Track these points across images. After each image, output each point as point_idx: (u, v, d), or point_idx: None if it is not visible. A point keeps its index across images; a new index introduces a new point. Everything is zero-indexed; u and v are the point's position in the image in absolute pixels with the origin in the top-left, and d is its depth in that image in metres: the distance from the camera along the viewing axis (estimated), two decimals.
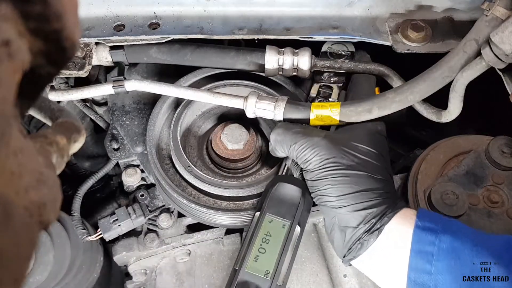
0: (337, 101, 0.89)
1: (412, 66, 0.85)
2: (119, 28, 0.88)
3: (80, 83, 1.02)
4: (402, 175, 0.96)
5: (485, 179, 0.85)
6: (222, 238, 1.00)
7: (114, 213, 0.96)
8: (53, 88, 0.95)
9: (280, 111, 0.82)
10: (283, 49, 0.90)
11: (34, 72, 0.27)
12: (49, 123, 0.46)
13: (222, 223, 0.94)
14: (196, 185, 0.89)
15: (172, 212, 1.01)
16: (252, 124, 1.02)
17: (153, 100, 1.03)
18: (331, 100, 0.89)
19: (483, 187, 0.85)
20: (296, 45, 0.91)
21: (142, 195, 1.00)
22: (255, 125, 1.04)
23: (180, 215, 1.01)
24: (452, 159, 0.90)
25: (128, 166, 1.03)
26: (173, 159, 0.92)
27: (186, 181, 0.92)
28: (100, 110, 1.14)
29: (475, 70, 0.75)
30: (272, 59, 0.90)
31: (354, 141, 0.74)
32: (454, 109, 0.83)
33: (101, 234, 0.95)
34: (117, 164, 1.05)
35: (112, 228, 0.95)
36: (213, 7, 0.90)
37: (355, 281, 0.91)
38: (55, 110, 0.47)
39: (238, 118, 0.99)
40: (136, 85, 0.90)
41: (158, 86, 0.90)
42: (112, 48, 0.92)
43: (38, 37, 0.25)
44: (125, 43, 0.88)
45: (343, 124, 0.80)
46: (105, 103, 1.12)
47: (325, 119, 0.80)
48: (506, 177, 0.85)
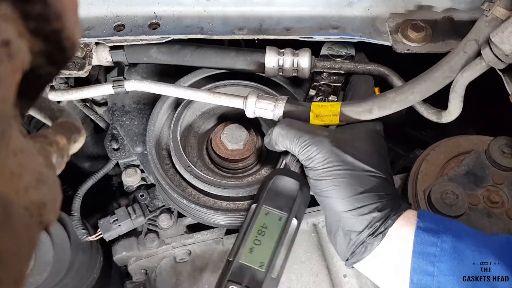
0: (336, 100, 0.89)
1: (412, 66, 0.85)
2: (119, 28, 0.88)
3: (80, 83, 1.02)
4: (402, 175, 0.96)
5: (485, 179, 0.85)
6: (222, 238, 1.00)
7: (114, 213, 0.96)
8: (53, 88, 0.95)
9: (280, 110, 0.82)
10: (283, 50, 0.90)
11: (34, 72, 0.27)
12: (49, 123, 0.46)
13: (222, 223, 0.94)
14: (196, 185, 0.89)
15: (172, 212, 1.01)
16: (252, 124, 1.02)
17: (153, 100, 1.03)
18: (331, 100, 0.89)
19: (483, 187, 0.85)
20: (296, 45, 0.91)
21: (142, 195, 1.00)
22: (255, 125, 1.03)
23: (180, 215, 1.01)
24: (452, 159, 0.90)
25: (128, 166, 1.03)
26: (173, 159, 0.92)
27: (186, 181, 0.92)
28: (100, 110, 1.14)
29: (475, 70, 0.75)
30: (272, 60, 0.90)
31: (357, 141, 0.74)
32: (454, 109, 0.83)
33: (101, 234, 0.95)
34: (117, 164, 1.05)
35: (112, 228, 0.95)
36: (213, 7, 0.90)
37: (355, 281, 0.91)
38: (55, 110, 0.47)
39: (238, 118, 0.99)
40: (136, 85, 0.90)
41: (158, 86, 0.90)
42: (112, 48, 0.92)
43: (38, 37, 0.25)
44: (125, 43, 0.88)
45: (343, 124, 0.80)
46: (105, 103, 1.12)
47: (325, 119, 0.80)
48: (506, 177, 0.85)
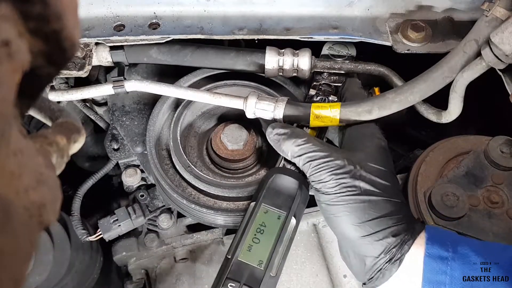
0: (336, 100, 0.89)
1: (412, 66, 0.85)
2: (119, 28, 0.88)
3: (80, 83, 1.02)
4: (402, 175, 0.96)
5: (484, 180, 0.85)
6: (222, 238, 1.00)
7: (114, 213, 0.96)
8: (53, 88, 0.95)
9: (280, 111, 0.82)
10: (283, 50, 0.90)
11: (34, 73, 0.27)
12: (49, 123, 0.46)
13: (222, 224, 0.94)
14: (196, 185, 0.89)
15: (172, 212, 1.01)
16: (252, 125, 1.02)
17: (153, 100, 1.03)
18: (331, 100, 0.89)
19: (483, 187, 0.85)
20: (296, 46, 0.91)
21: (142, 195, 1.00)
22: (255, 126, 1.04)
23: (180, 215, 1.01)
24: (452, 160, 0.90)
25: (128, 166, 1.03)
26: (173, 160, 0.92)
27: (186, 181, 0.92)
28: (100, 110, 1.14)
29: (475, 70, 0.75)
30: (272, 60, 0.90)
31: (369, 162, 0.71)
32: (454, 109, 0.83)
33: (101, 234, 0.95)
34: (117, 164, 1.05)
35: (112, 228, 0.95)
36: (213, 7, 0.90)
37: (355, 282, 0.91)
38: (55, 110, 0.47)
39: (238, 118, 0.99)
40: (136, 85, 0.90)
41: (158, 87, 0.90)
42: (112, 48, 0.92)
43: (38, 38, 0.25)
44: (125, 43, 0.88)
45: (345, 129, 0.80)
46: (105, 103, 1.12)
47: (325, 119, 0.80)
48: (506, 177, 0.85)
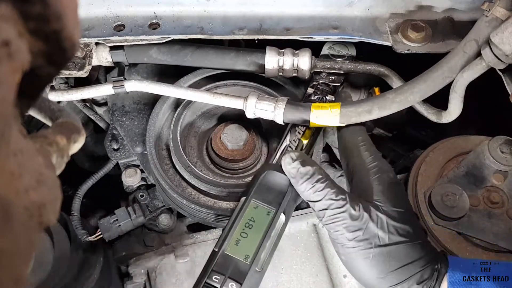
0: (334, 100, 0.89)
1: (412, 66, 0.85)
2: (119, 28, 0.88)
3: (80, 83, 1.02)
4: (402, 175, 0.96)
5: (484, 180, 0.85)
6: None
7: (114, 213, 0.96)
8: (53, 88, 0.95)
9: (280, 111, 0.82)
10: (283, 50, 0.90)
11: (34, 73, 0.27)
12: (49, 123, 0.46)
13: (222, 224, 0.94)
14: (196, 185, 0.89)
15: (172, 212, 1.01)
16: (252, 125, 1.02)
17: (153, 100, 1.03)
18: (328, 99, 0.89)
19: (483, 187, 0.85)
20: (296, 46, 0.91)
21: (142, 196, 1.00)
22: (255, 126, 1.03)
23: (180, 215, 1.01)
24: (452, 160, 0.90)
25: (128, 166, 1.03)
26: (173, 160, 0.92)
27: (186, 181, 0.92)
28: (100, 110, 1.14)
29: (475, 70, 0.75)
30: (272, 60, 0.90)
31: (385, 204, 0.68)
32: (454, 109, 0.83)
33: (101, 234, 0.95)
34: (117, 164, 1.05)
35: (112, 228, 0.95)
36: (213, 7, 0.90)
37: (355, 282, 0.91)
38: (55, 110, 0.47)
39: (238, 118, 0.99)
40: (136, 85, 0.90)
41: (158, 87, 0.90)
42: (112, 48, 0.92)
43: (38, 38, 0.25)
44: (125, 43, 0.88)
45: (345, 124, 0.80)
46: (105, 103, 1.12)
47: (325, 119, 0.80)
48: (506, 177, 0.85)
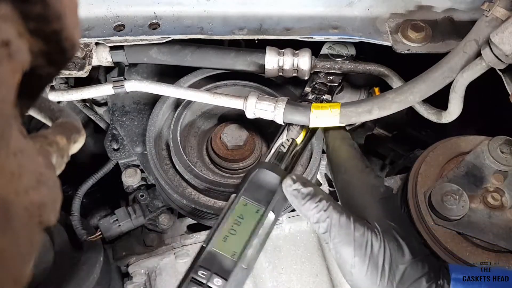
0: (331, 100, 0.89)
1: (412, 66, 0.85)
2: (119, 28, 0.88)
3: (80, 83, 1.02)
4: (402, 175, 0.96)
5: (484, 180, 0.85)
6: None
7: (114, 214, 0.97)
8: (53, 88, 0.95)
9: (280, 111, 0.82)
10: (283, 50, 0.90)
11: (34, 73, 0.27)
12: (49, 123, 0.46)
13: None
14: (196, 185, 0.89)
15: (172, 212, 1.01)
16: (252, 125, 1.02)
17: (153, 100, 1.03)
18: (325, 99, 0.89)
19: (483, 187, 0.85)
20: (296, 46, 0.91)
21: (142, 196, 1.00)
22: (255, 126, 1.03)
23: (180, 215, 1.01)
24: (452, 160, 0.90)
25: (128, 166, 1.03)
26: (173, 160, 0.92)
27: (186, 181, 0.92)
28: (100, 110, 1.14)
29: (475, 70, 0.75)
30: (272, 60, 0.90)
31: (385, 222, 0.66)
32: (454, 109, 0.83)
33: (101, 234, 0.95)
34: (117, 164, 1.05)
35: (112, 228, 0.95)
36: (213, 7, 0.90)
37: None
38: (55, 110, 0.47)
39: (238, 118, 0.99)
40: (136, 85, 0.90)
41: (158, 87, 0.90)
42: (112, 48, 0.92)
43: (38, 38, 0.25)
44: (125, 43, 0.88)
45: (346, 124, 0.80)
46: (105, 103, 1.12)
47: (325, 119, 0.80)
48: (506, 177, 0.85)
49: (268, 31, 0.90)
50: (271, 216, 0.71)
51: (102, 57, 0.93)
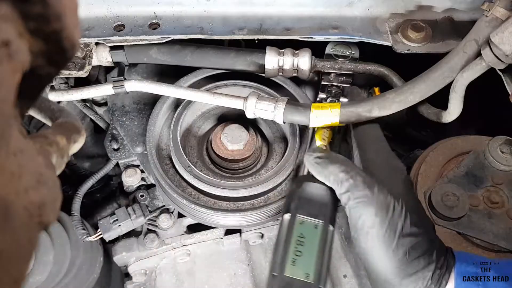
0: (347, 101, 0.89)
1: (412, 66, 0.85)
2: (119, 28, 0.88)
3: (80, 83, 1.02)
4: None
5: (484, 180, 0.85)
6: (222, 238, 1.00)
7: (114, 214, 0.97)
8: (53, 88, 0.95)
9: (280, 111, 0.82)
10: (283, 50, 0.90)
11: (34, 73, 0.27)
12: (49, 123, 0.46)
13: (222, 224, 0.94)
14: (196, 185, 0.89)
15: (172, 212, 1.01)
16: (252, 125, 1.02)
17: (153, 100, 1.03)
18: (341, 101, 0.89)
19: (483, 187, 0.85)
20: (296, 46, 0.91)
21: (142, 196, 1.00)
22: (255, 126, 1.03)
23: (180, 215, 1.01)
24: (452, 160, 0.90)
25: (128, 166, 1.03)
26: (173, 160, 0.92)
27: (186, 181, 0.92)
28: (100, 110, 1.14)
29: (475, 70, 0.75)
30: (272, 60, 0.90)
31: (405, 198, 0.67)
32: (454, 109, 0.83)
33: (101, 234, 0.95)
34: (117, 164, 1.05)
35: (112, 228, 0.95)
36: (213, 7, 0.90)
37: (355, 282, 0.91)
38: (55, 110, 0.47)
39: (238, 118, 0.99)
40: (136, 85, 0.90)
41: (158, 87, 0.90)
42: (112, 48, 0.92)
43: (38, 38, 0.25)
44: (125, 43, 0.88)
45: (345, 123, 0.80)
46: (105, 103, 1.12)
47: (325, 119, 0.80)
48: (506, 177, 0.85)
49: (268, 31, 0.90)
50: (330, 228, 0.69)
51: (102, 57, 0.93)
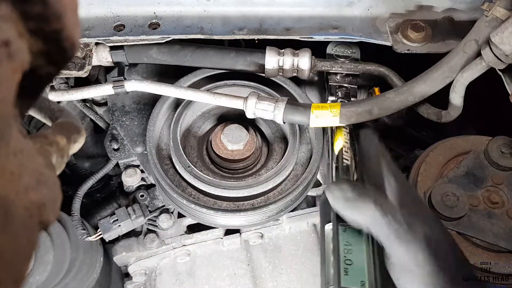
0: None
1: (412, 66, 0.85)
2: (119, 28, 0.88)
3: (80, 83, 1.02)
4: None
5: (484, 180, 0.85)
6: (222, 238, 1.00)
7: (114, 214, 0.97)
8: (53, 88, 0.95)
9: (280, 111, 0.82)
10: (283, 50, 0.90)
11: (34, 72, 0.27)
12: (49, 123, 0.46)
13: (222, 224, 0.94)
14: (196, 185, 0.89)
15: (172, 212, 1.01)
16: (252, 125, 1.02)
17: (153, 100, 1.03)
18: (352, 100, 0.89)
19: (483, 188, 0.85)
20: (296, 46, 0.91)
21: (142, 196, 1.00)
22: (255, 126, 1.03)
23: (180, 215, 1.01)
24: (452, 160, 0.90)
25: (128, 166, 1.03)
26: (173, 160, 0.92)
27: (186, 181, 0.92)
28: (100, 110, 1.14)
29: (475, 70, 0.75)
30: (272, 60, 0.90)
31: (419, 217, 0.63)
32: (454, 109, 0.83)
33: (101, 234, 0.95)
34: (117, 164, 1.05)
35: (112, 228, 0.95)
36: (213, 7, 0.90)
37: None
38: (55, 110, 0.47)
39: (238, 118, 0.99)
40: (136, 85, 0.90)
41: (158, 87, 0.90)
42: (112, 48, 0.92)
43: (38, 38, 0.25)
44: (125, 43, 0.88)
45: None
46: (105, 103, 1.12)
47: (325, 119, 0.80)
48: (506, 177, 0.85)
49: (268, 31, 0.90)
50: None
51: (102, 57, 0.93)
